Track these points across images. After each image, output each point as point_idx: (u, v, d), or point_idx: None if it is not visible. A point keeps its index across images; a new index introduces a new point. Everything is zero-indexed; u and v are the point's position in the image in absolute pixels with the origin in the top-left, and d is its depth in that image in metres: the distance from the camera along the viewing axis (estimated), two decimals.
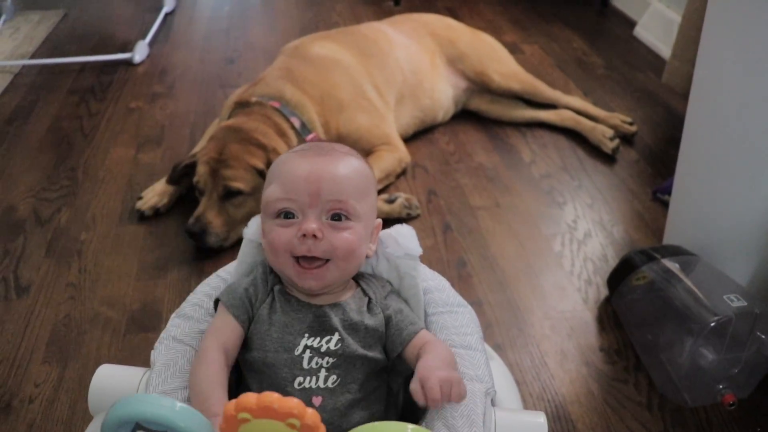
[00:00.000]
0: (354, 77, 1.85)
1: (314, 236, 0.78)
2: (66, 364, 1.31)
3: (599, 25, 2.85)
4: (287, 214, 0.80)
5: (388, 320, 0.83)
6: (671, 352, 1.22)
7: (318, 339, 0.79)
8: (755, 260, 1.33)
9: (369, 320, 0.82)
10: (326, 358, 0.78)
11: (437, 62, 2.06)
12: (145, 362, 1.28)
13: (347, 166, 0.83)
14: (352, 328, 0.81)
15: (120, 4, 3.22)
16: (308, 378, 0.77)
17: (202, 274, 1.52)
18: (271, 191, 0.82)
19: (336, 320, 0.80)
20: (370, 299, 0.84)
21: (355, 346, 0.79)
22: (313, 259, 0.79)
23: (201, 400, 0.74)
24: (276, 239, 0.80)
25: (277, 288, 0.84)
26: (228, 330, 0.81)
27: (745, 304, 1.17)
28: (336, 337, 0.79)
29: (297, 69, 1.80)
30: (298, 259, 0.80)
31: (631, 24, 2.78)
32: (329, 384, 0.77)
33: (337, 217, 0.80)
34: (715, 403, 1.23)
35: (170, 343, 0.85)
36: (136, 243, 1.64)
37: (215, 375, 0.76)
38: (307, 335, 0.79)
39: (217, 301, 0.85)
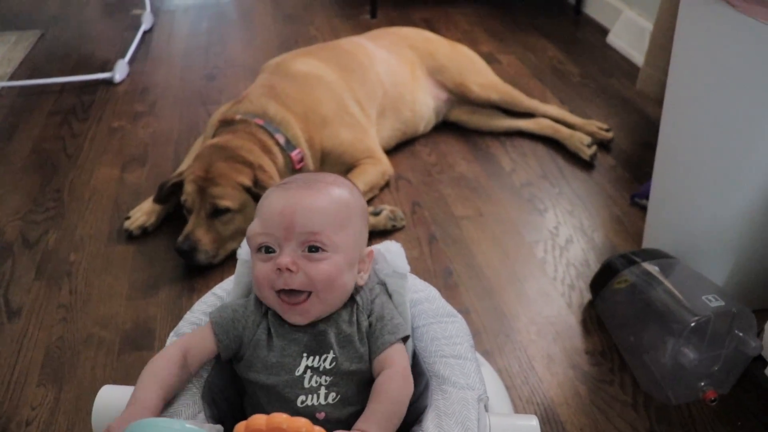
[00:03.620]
0: (336, 92, 1.88)
1: (288, 269, 0.79)
2: (61, 386, 1.33)
3: (573, 34, 2.91)
4: (267, 249, 0.82)
5: (370, 326, 0.84)
6: (654, 352, 1.26)
7: (317, 358, 0.81)
8: (731, 261, 1.38)
9: (358, 329, 0.83)
10: (324, 377, 0.80)
11: (417, 75, 2.10)
12: None
13: (325, 197, 0.83)
14: (346, 340, 0.82)
15: (97, 23, 3.23)
16: (310, 396, 0.80)
17: (193, 292, 1.54)
18: (252, 226, 0.84)
19: (332, 335, 0.82)
20: (357, 305, 0.85)
21: (348, 363, 0.81)
22: (293, 292, 0.80)
23: (135, 388, 0.77)
24: (258, 274, 0.82)
25: (270, 312, 0.85)
26: (200, 342, 0.83)
27: (723, 303, 1.21)
28: (331, 355, 0.81)
29: (279, 86, 1.83)
30: (279, 293, 0.81)
31: (604, 32, 2.84)
32: (330, 400, 0.80)
33: (313, 249, 0.81)
34: (697, 400, 1.27)
35: None
36: (126, 263, 1.65)
37: (158, 369, 0.79)
38: (305, 354, 0.81)
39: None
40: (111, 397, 0.88)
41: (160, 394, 0.77)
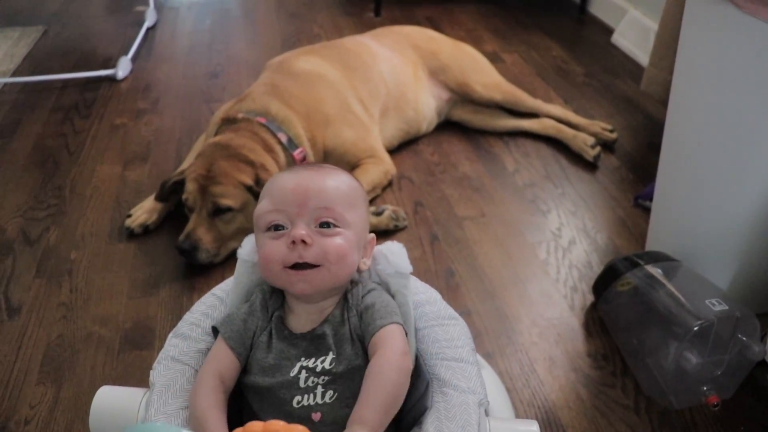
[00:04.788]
0: (339, 91, 1.87)
1: (303, 242, 0.80)
2: (61, 385, 1.32)
3: (577, 33, 2.90)
4: (277, 227, 0.83)
5: (360, 317, 0.84)
6: (656, 356, 1.25)
7: (313, 359, 0.81)
8: (735, 264, 1.37)
9: (351, 327, 0.83)
10: (321, 377, 0.80)
11: (420, 74, 2.09)
12: (140, 380, 1.31)
13: (334, 177, 0.86)
14: (342, 339, 0.82)
15: (100, 19, 3.22)
16: (306, 396, 0.79)
17: (193, 291, 1.54)
18: (261, 206, 0.85)
19: (330, 337, 0.82)
20: (347, 303, 0.85)
21: (347, 361, 0.81)
22: (305, 265, 0.81)
23: (198, 424, 0.75)
24: (268, 251, 0.82)
25: (275, 315, 0.85)
26: (225, 360, 0.82)
27: (727, 307, 1.20)
28: (330, 356, 0.81)
29: (282, 84, 1.82)
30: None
31: (609, 31, 2.83)
32: (327, 399, 0.79)
33: (325, 224, 0.82)
34: (700, 405, 1.26)
35: (169, 363, 0.86)
36: (127, 261, 1.64)
37: (210, 398, 0.78)
38: (303, 358, 0.81)
39: (215, 329, 0.86)
40: (109, 398, 0.87)
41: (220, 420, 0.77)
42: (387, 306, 0.84)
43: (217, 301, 0.94)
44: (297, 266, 0.81)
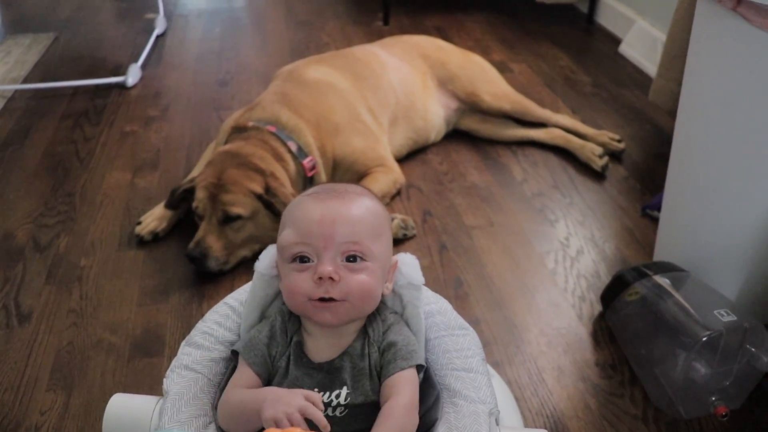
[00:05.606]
0: (348, 100, 1.88)
1: (330, 278, 0.79)
2: (71, 392, 1.33)
3: (585, 43, 2.90)
4: (303, 258, 0.81)
5: (382, 354, 0.83)
6: (665, 366, 1.25)
7: (327, 394, 0.80)
8: (744, 275, 1.37)
9: (369, 362, 0.83)
10: (334, 409, 0.80)
11: (429, 83, 2.10)
12: (150, 388, 1.32)
13: (360, 207, 0.83)
14: (360, 374, 0.82)
15: (110, 26, 3.24)
16: None
17: (203, 299, 1.54)
18: (286, 236, 0.83)
19: (347, 370, 0.82)
20: (369, 338, 0.85)
21: (364, 396, 0.80)
22: (331, 299, 0.80)
23: (239, 404, 0.77)
24: (293, 284, 0.81)
25: (294, 340, 0.85)
26: (250, 385, 0.82)
27: (735, 318, 1.21)
28: (345, 390, 0.80)
29: (292, 93, 1.83)
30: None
31: (617, 41, 2.84)
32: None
33: (352, 258, 0.81)
34: (708, 415, 1.26)
35: (182, 371, 0.87)
36: (137, 268, 1.65)
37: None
38: (317, 390, 0.80)
39: (235, 352, 0.86)
40: (122, 406, 0.88)
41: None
42: (408, 345, 0.83)
43: (230, 310, 0.94)
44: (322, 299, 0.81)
